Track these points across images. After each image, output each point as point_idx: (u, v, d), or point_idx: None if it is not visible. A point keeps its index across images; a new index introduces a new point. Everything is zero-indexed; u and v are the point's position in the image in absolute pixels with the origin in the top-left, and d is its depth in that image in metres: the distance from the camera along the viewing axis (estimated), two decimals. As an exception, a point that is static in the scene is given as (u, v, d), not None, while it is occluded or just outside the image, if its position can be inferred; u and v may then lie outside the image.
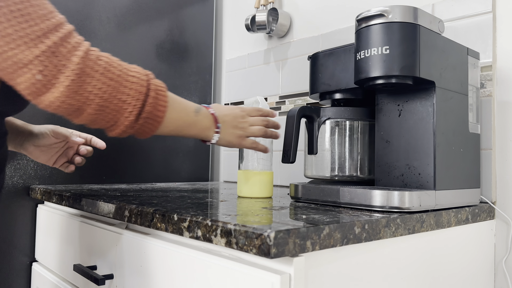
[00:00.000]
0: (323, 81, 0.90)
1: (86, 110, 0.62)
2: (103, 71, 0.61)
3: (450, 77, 0.79)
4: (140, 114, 0.66)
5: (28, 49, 0.56)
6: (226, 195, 0.97)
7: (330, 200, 0.78)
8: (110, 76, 0.62)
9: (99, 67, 0.61)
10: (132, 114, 0.65)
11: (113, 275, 0.81)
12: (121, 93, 0.63)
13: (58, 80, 0.58)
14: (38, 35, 0.57)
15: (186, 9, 1.53)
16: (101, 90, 0.61)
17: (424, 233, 0.73)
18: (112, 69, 0.63)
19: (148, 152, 1.41)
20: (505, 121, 0.91)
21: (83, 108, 0.61)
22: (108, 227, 0.85)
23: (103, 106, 0.62)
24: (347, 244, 0.58)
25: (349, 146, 0.85)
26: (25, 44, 0.56)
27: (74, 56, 0.59)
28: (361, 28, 0.76)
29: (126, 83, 0.64)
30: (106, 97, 0.62)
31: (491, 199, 0.90)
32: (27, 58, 0.56)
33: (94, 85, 0.61)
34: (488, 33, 0.93)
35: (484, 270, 0.87)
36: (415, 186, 0.77)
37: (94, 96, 0.61)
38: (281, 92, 1.39)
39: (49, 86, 0.58)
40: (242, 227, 0.54)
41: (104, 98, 0.62)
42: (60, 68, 0.58)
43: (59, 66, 0.58)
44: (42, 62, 0.56)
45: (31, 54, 0.56)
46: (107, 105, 0.63)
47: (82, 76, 0.59)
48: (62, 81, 0.58)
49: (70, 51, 0.59)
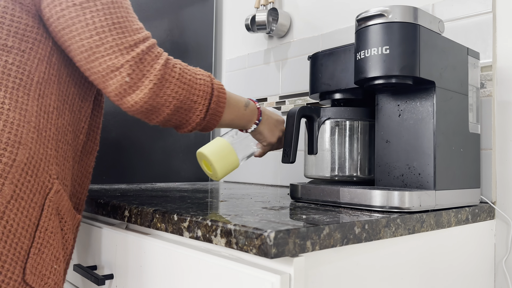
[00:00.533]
0: (323, 81, 0.90)
1: (164, 111, 0.70)
2: (179, 76, 0.70)
3: (450, 77, 0.79)
4: (207, 112, 0.75)
5: (121, 55, 0.65)
6: (226, 195, 0.97)
7: (330, 200, 0.78)
8: (183, 80, 0.71)
9: (175, 73, 0.70)
10: (202, 112, 0.74)
11: (113, 275, 0.81)
12: (192, 94, 0.72)
13: (143, 83, 0.67)
14: (131, 45, 0.66)
15: (186, 9, 1.53)
16: (178, 93, 0.70)
17: (424, 233, 0.73)
18: (184, 74, 0.71)
19: (148, 152, 1.41)
20: (505, 121, 0.91)
21: (162, 109, 0.70)
22: (108, 227, 0.85)
23: (178, 107, 0.71)
24: (347, 244, 0.58)
25: (349, 146, 0.85)
26: (120, 51, 0.66)
27: (156, 63, 0.68)
28: (361, 28, 0.76)
29: (196, 85, 0.72)
30: (182, 99, 0.71)
31: (491, 199, 0.90)
32: (120, 63, 0.65)
33: (172, 89, 0.69)
34: (488, 33, 0.93)
35: (484, 270, 0.87)
36: (415, 186, 0.77)
37: (172, 98, 0.70)
38: (281, 92, 1.39)
39: (135, 88, 0.66)
40: (242, 227, 0.54)
41: (180, 100, 0.71)
42: (145, 73, 0.67)
43: (144, 71, 0.67)
44: (131, 67, 0.66)
45: (123, 59, 0.65)
46: (181, 106, 0.71)
47: (162, 81, 0.68)
48: (146, 84, 0.67)
49: (153, 59, 0.68)
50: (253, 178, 1.47)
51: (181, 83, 0.70)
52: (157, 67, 0.68)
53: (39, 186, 0.65)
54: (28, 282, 0.61)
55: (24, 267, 0.61)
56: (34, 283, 0.62)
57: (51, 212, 0.66)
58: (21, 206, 0.62)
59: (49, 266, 0.65)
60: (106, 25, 0.65)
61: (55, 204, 0.67)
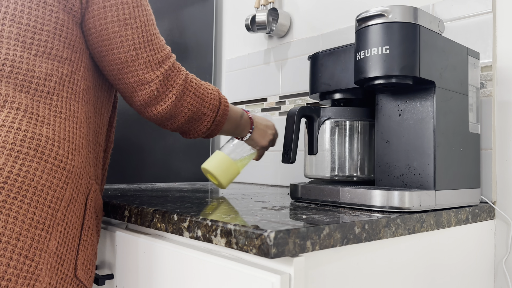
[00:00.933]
0: (323, 81, 0.90)
1: (180, 120, 0.79)
2: (194, 90, 0.79)
3: (450, 77, 0.79)
4: (213, 122, 0.83)
5: (152, 70, 0.73)
6: (226, 195, 0.97)
7: (330, 200, 0.78)
8: (198, 94, 0.79)
9: (192, 87, 0.78)
10: (209, 123, 0.83)
11: (113, 275, 0.81)
12: (204, 107, 0.80)
13: (167, 96, 0.75)
14: (159, 61, 0.74)
15: (186, 9, 1.53)
16: (192, 105, 0.78)
17: (424, 233, 0.73)
18: (199, 88, 0.79)
19: (148, 152, 1.41)
20: (505, 121, 0.91)
21: (178, 118, 0.78)
22: (108, 227, 0.85)
23: (191, 117, 0.80)
24: (347, 244, 0.58)
25: (349, 146, 0.85)
26: (151, 67, 0.73)
27: (178, 79, 0.76)
28: (361, 28, 0.76)
29: (207, 99, 0.80)
30: (195, 110, 0.79)
31: (491, 199, 0.90)
32: (151, 77, 0.73)
33: (188, 101, 0.78)
34: (488, 33, 0.92)
35: (484, 270, 0.87)
36: (415, 186, 0.77)
37: (188, 110, 0.78)
38: (281, 92, 1.39)
39: (159, 100, 0.75)
40: (242, 227, 0.54)
41: (193, 111, 0.79)
42: (168, 87, 0.75)
43: (168, 85, 0.75)
44: (160, 82, 0.74)
45: (154, 75, 0.73)
46: (193, 116, 0.80)
47: (182, 94, 0.77)
48: (170, 97, 0.75)
49: (176, 75, 0.76)
50: (253, 178, 1.47)
51: (196, 96, 0.79)
52: (179, 82, 0.76)
53: (85, 187, 0.69)
54: (79, 277, 0.66)
55: (76, 264, 0.66)
56: (82, 278, 0.67)
57: (91, 210, 0.71)
58: (75, 208, 0.67)
59: (92, 260, 0.70)
60: (142, 41, 0.72)
61: (93, 203, 0.72)
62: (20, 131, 0.62)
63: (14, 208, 0.58)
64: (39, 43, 0.67)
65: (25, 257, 0.58)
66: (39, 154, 0.62)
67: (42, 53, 0.67)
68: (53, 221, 0.62)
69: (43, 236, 0.60)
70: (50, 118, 0.66)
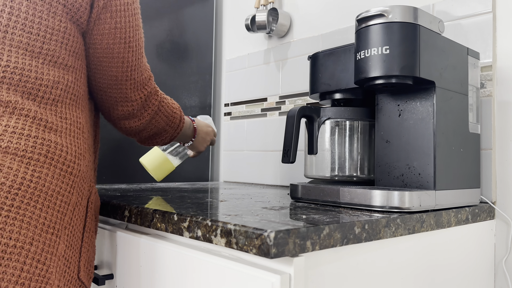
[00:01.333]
0: (323, 81, 0.90)
1: (144, 134, 0.86)
2: (164, 110, 0.85)
3: (450, 77, 0.79)
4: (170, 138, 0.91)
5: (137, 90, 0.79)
6: (226, 195, 0.97)
7: (330, 200, 0.78)
8: (166, 113, 0.86)
9: (163, 107, 0.85)
10: (167, 139, 0.91)
11: (113, 275, 0.81)
12: (167, 125, 0.88)
13: (142, 114, 0.82)
14: (145, 82, 0.80)
15: (186, 9, 1.53)
16: (159, 122, 0.86)
17: (424, 233, 0.73)
18: (167, 108, 0.86)
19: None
20: (505, 121, 0.91)
21: (143, 133, 0.86)
22: (108, 227, 0.85)
23: (155, 132, 0.87)
24: (347, 244, 0.58)
25: (349, 146, 0.85)
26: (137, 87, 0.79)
27: (155, 100, 0.83)
28: (361, 28, 0.76)
29: (171, 118, 0.88)
30: (160, 127, 0.87)
31: (491, 199, 0.90)
32: (135, 97, 0.79)
33: (157, 120, 0.85)
34: (488, 33, 0.93)
35: (484, 270, 0.87)
36: (415, 186, 0.77)
37: (154, 126, 0.86)
38: (281, 92, 1.39)
39: (134, 117, 0.81)
40: (242, 227, 0.54)
41: (158, 128, 0.87)
42: (145, 107, 0.82)
43: (146, 106, 0.82)
44: (141, 101, 0.80)
45: (138, 95, 0.80)
46: (156, 132, 0.87)
47: (155, 114, 0.84)
48: (145, 116, 0.82)
49: (153, 95, 0.82)
50: (253, 178, 1.47)
51: (163, 116, 0.86)
52: (155, 103, 0.83)
53: (87, 190, 0.70)
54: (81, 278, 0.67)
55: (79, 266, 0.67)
56: (84, 279, 0.68)
57: (92, 213, 0.72)
58: (80, 211, 0.68)
59: (91, 261, 0.71)
60: (137, 64, 0.78)
61: (94, 205, 0.73)
62: (30, 137, 0.63)
63: (27, 213, 0.59)
64: (47, 52, 0.68)
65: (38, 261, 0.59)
66: (49, 159, 0.63)
67: (49, 62, 0.68)
68: (61, 225, 0.63)
69: (53, 240, 0.61)
70: (58, 124, 0.67)
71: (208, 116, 1.23)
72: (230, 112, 1.59)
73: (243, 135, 1.52)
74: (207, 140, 1.08)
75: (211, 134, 1.09)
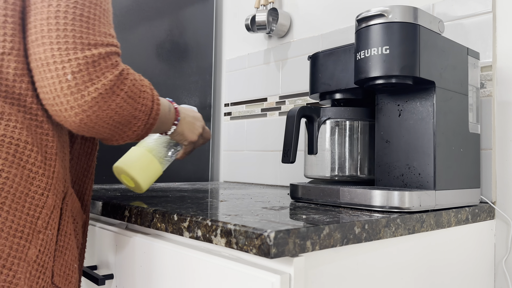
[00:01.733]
0: (323, 81, 0.90)
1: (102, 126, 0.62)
2: (127, 89, 0.62)
3: (450, 77, 0.79)
4: (144, 127, 0.68)
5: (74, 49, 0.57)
6: (226, 195, 0.97)
7: (330, 200, 0.78)
8: (131, 94, 0.63)
9: (125, 85, 0.62)
10: (140, 128, 0.67)
11: (113, 275, 0.81)
12: (135, 109, 0.65)
13: (87, 89, 0.58)
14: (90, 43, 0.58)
15: (186, 9, 1.53)
16: (122, 107, 0.62)
17: (424, 233, 0.73)
18: (133, 87, 0.64)
19: (148, 152, 1.41)
20: (505, 121, 0.91)
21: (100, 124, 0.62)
22: (108, 227, 0.85)
23: (118, 122, 0.63)
24: (347, 244, 0.58)
25: (349, 146, 0.85)
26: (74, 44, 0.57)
27: (109, 72, 0.60)
28: (361, 28, 0.76)
29: (139, 99, 0.65)
30: (124, 114, 0.63)
31: (491, 199, 0.90)
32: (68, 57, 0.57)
33: (118, 103, 0.61)
34: (488, 33, 0.93)
35: (484, 270, 0.87)
36: (415, 186, 0.77)
37: (115, 113, 0.62)
38: (281, 92, 1.39)
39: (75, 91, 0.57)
40: (242, 227, 0.54)
41: (122, 115, 0.63)
42: (93, 78, 0.58)
43: (93, 76, 0.58)
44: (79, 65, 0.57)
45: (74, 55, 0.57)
46: (121, 121, 0.64)
47: (110, 93, 0.60)
48: (91, 91, 0.58)
49: (108, 67, 0.60)
50: (253, 178, 1.47)
51: (127, 97, 0.63)
52: (109, 76, 0.60)
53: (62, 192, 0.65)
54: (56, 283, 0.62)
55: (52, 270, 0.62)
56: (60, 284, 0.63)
57: (67, 215, 0.66)
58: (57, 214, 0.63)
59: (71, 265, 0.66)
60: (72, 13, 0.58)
61: (69, 207, 0.68)
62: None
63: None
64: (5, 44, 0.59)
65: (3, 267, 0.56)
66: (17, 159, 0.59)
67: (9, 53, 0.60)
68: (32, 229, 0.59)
69: (22, 244, 0.58)
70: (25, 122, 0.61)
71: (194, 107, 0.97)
72: (230, 112, 1.59)
73: (243, 135, 1.52)
74: (197, 126, 0.87)
75: (200, 119, 0.89)
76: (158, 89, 1.44)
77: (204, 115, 1.58)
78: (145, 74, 1.41)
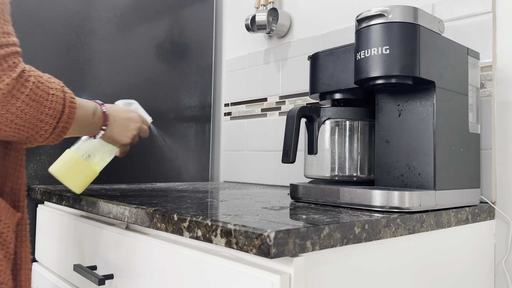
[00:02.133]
0: (323, 81, 0.90)
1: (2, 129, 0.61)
2: (29, 92, 0.61)
3: (450, 77, 0.79)
4: (54, 130, 0.67)
5: None
6: (226, 195, 0.97)
7: (330, 200, 0.78)
8: (34, 97, 0.61)
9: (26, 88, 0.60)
10: (48, 132, 0.66)
11: (113, 275, 0.81)
12: (41, 113, 0.63)
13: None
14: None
15: (186, 9, 1.53)
16: (23, 111, 0.61)
17: (424, 233, 0.73)
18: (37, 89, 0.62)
19: (148, 152, 1.41)
20: (505, 121, 0.91)
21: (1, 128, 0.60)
22: (108, 227, 0.85)
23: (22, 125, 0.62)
24: (347, 244, 0.58)
25: (349, 146, 0.85)
26: None
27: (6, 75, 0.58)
28: (361, 28, 0.76)
29: (47, 102, 0.63)
30: (27, 118, 0.62)
31: (491, 199, 0.90)
32: None
33: (18, 107, 0.60)
34: (488, 33, 0.93)
35: (484, 270, 0.87)
36: (415, 186, 0.77)
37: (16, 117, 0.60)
38: (281, 92, 1.39)
39: None
40: (242, 227, 0.54)
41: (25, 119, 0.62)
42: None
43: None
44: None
45: None
46: (25, 125, 0.62)
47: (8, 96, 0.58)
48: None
49: (5, 70, 0.58)
50: (253, 178, 1.47)
51: (30, 100, 0.61)
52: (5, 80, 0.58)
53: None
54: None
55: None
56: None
57: None
58: None
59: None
60: None
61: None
62: None
63: None
64: None
65: None
66: None
67: None
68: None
69: None
70: None
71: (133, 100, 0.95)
72: (230, 112, 1.59)
73: (243, 135, 1.52)
74: (131, 128, 0.85)
75: (135, 120, 0.86)
76: (158, 89, 1.44)
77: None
78: (145, 74, 1.41)
